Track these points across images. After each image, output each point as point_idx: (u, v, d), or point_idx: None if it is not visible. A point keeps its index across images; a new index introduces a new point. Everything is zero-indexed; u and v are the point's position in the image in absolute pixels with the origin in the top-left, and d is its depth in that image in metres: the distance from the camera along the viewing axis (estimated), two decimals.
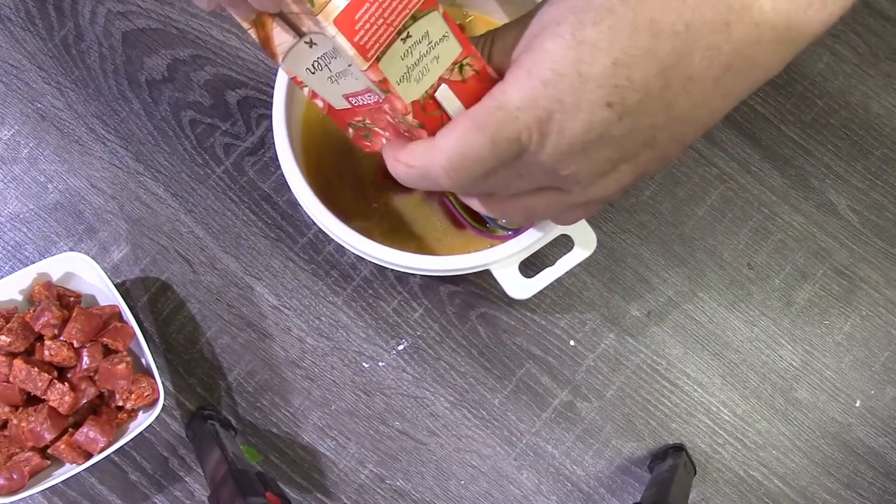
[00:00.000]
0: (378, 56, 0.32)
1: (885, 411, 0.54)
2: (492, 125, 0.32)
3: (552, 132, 0.32)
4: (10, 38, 0.57)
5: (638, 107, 0.31)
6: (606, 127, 0.31)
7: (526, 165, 0.33)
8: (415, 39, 0.33)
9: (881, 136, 0.57)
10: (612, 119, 0.31)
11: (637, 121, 0.32)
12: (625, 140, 0.32)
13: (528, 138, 0.32)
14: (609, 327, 0.55)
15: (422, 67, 0.33)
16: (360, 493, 0.53)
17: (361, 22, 0.31)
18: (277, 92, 0.47)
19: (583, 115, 0.31)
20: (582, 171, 0.33)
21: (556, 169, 0.33)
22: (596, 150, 0.32)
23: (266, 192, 0.56)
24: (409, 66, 0.33)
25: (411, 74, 0.33)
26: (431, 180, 0.34)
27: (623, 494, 0.54)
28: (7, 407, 0.49)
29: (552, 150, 0.32)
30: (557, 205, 0.37)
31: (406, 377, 0.54)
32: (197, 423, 0.51)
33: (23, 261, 0.55)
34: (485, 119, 0.32)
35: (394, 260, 0.45)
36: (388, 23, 0.32)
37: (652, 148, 0.33)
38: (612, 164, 0.34)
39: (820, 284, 0.56)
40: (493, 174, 0.34)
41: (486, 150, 0.32)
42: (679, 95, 0.31)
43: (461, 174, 0.33)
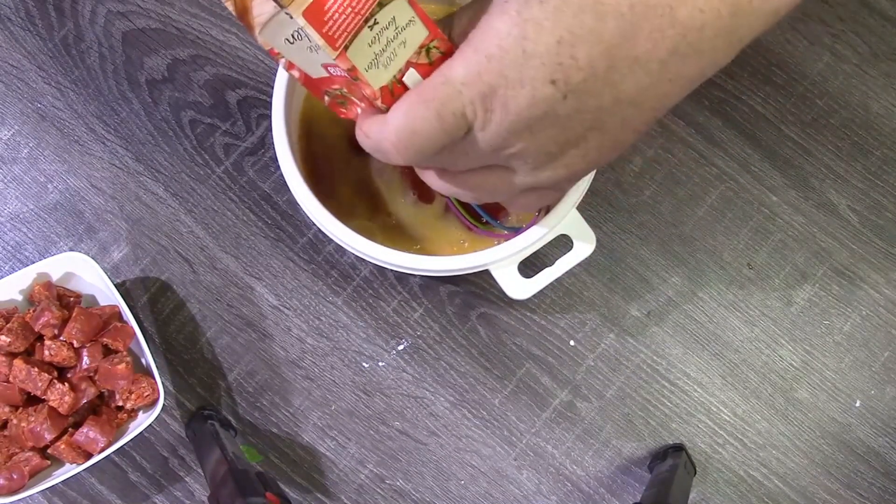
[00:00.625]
0: (346, 45, 0.32)
1: (885, 411, 0.54)
2: (437, 99, 0.32)
3: (496, 108, 0.32)
4: (10, 38, 0.57)
5: (583, 86, 0.31)
6: (551, 104, 0.31)
7: (473, 142, 0.34)
8: (382, 26, 0.33)
9: (881, 136, 0.57)
10: (557, 97, 0.31)
11: (582, 101, 0.32)
12: (571, 121, 0.32)
13: (473, 113, 0.32)
14: (609, 327, 0.55)
15: (389, 53, 0.34)
16: (360, 493, 0.53)
17: (330, 13, 0.31)
18: (277, 92, 0.47)
19: (526, 91, 0.31)
20: (528, 150, 0.34)
21: (503, 146, 0.33)
22: (541, 129, 0.33)
23: (266, 192, 0.56)
24: (376, 52, 0.34)
25: (379, 60, 0.34)
26: (383, 154, 0.35)
27: (623, 494, 0.54)
28: (7, 407, 0.49)
29: (497, 125, 0.32)
30: (506, 185, 0.37)
31: (406, 377, 0.54)
32: (197, 423, 0.51)
33: (23, 261, 0.55)
34: (430, 93, 0.32)
35: (394, 260, 0.45)
36: (356, 11, 0.32)
37: (601, 132, 0.33)
38: (559, 146, 0.34)
39: (820, 284, 0.56)
40: (442, 150, 0.34)
41: (431, 125, 0.33)
42: (625, 77, 0.31)
43: (409, 149, 0.34)
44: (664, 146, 0.57)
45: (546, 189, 0.37)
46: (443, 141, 0.33)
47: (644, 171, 0.57)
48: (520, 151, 0.34)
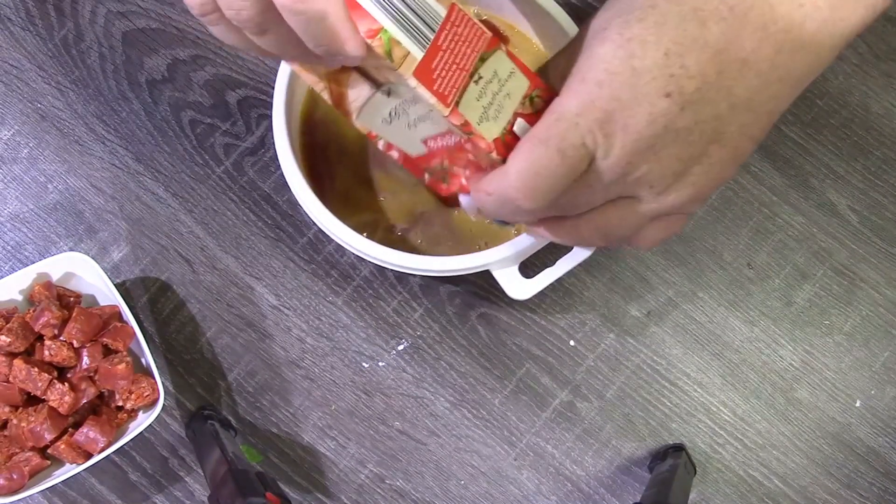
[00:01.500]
0: (457, 101, 0.33)
1: (885, 411, 0.54)
2: (555, 136, 0.32)
3: (616, 132, 0.31)
4: (10, 38, 0.57)
5: (697, 95, 0.31)
6: (669, 119, 0.31)
7: (597, 173, 0.33)
8: (486, 80, 0.34)
9: (881, 136, 0.57)
10: (674, 109, 0.31)
11: (699, 111, 0.31)
12: (691, 134, 0.32)
13: (594, 142, 0.32)
14: (609, 327, 0.55)
15: (497, 105, 0.34)
16: (360, 493, 0.53)
17: (438, 70, 0.32)
18: (277, 92, 0.47)
19: (643, 109, 0.31)
20: (653, 172, 0.33)
21: (626, 172, 0.33)
22: (663, 147, 0.32)
23: (266, 192, 0.56)
24: (484, 105, 0.34)
25: (488, 113, 0.34)
26: (510, 204, 0.34)
27: (623, 494, 0.54)
28: (7, 407, 0.49)
29: (619, 150, 0.32)
30: (633, 217, 0.36)
31: (406, 377, 0.54)
32: (197, 423, 0.51)
33: (23, 261, 0.55)
34: (546, 132, 0.32)
35: (394, 260, 0.45)
36: (461, 67, 0.33)
37: (721, 144, 0.33)
38: (683, 163, 0.33)
39: (820, 284, 0.56)
40: (566, 189, 0.33)
41: (554, 163, 0.32)
42: (736, 80, 0.31)
43: (535, 192, 0.33)
44: None
45: (673, 215, 0.36)
46: (567, 177, 0.33)
47: None
48: (645, 175, 0.33)
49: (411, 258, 0.45)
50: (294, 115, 0.49)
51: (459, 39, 0.33)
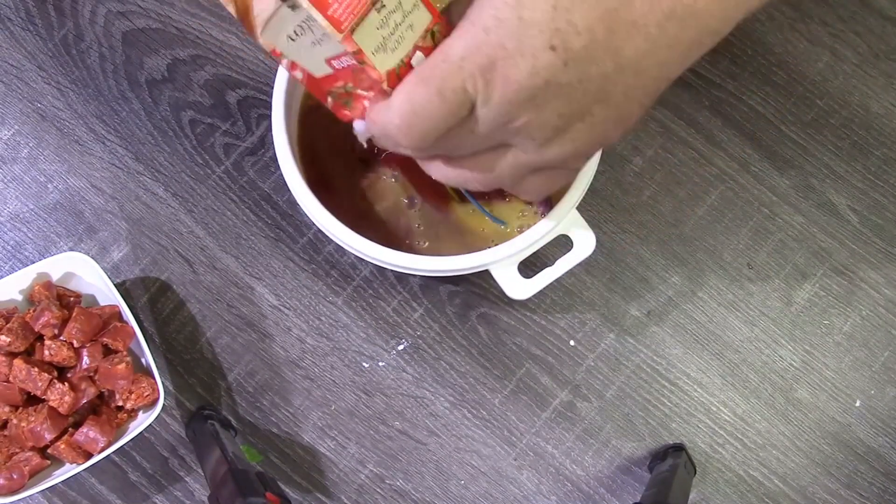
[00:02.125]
0: (353, 27, 0.32)
1: (885, 411, 0.54)
2: (436, 77, 0.32)
3: (497, 80, 0.31)
4: (10, 38, 0.57)
5: (583, 52, 0.31)
6: (552, 72, 0.31)
7: (477, 119, 0.33)
8: (389, 9, 0.33)
9: (881, 136, 0.57)
10: (557, 64, 0.31)
11: (583, 68, 0.31)
12: (573, 90, 0.32)
13: (474, 87, 0.32)
14: (609, 327, 0.55)
15: (398, 36, 0.34)
16: (360, 493, 0.53)
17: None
18: (277, 92, 0.47)
19: (526, 60, 0.31)
20: (533, 123, 0.33)
21: (507, 120, 0.33)
22: (545, 101, 0.32)
23: (266, 192, 0.56)
24: (384, 35, 0.33)
25: (387, 44, 0.34)
26: (391, 139, 0.34)
27: (623, 494, 0.54)
28: (7, 407, 0.49)
29: (499, 98, 0.32)
30: (514, 166, 0.36)
31: (406, 377, 0.54)
32: (197, 423, 0.51)
33: (23, 261, 0.55)
34: (430, 72, 0.32)
35: (393, 260, 0.45)
36: None
37: (605, 104, 0.33)
38: (565, 119, 0.33)
39: (820, 284, 0.56)
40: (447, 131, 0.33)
41: (434, 104, 0.32)
42: (624, 42, 0.31)
43: (414, 130, 0.33)
44: (664, 146, 0.57)
45: (554, 169, 0.36)
46: (447, 120, 0.33)
47: (644, 171, 0.57)
48: (525, 125, 0.33)
49: (411, 258, 0.45)
50: (294, 115, 0.49)
51: None
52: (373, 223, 0.50)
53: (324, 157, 0.51)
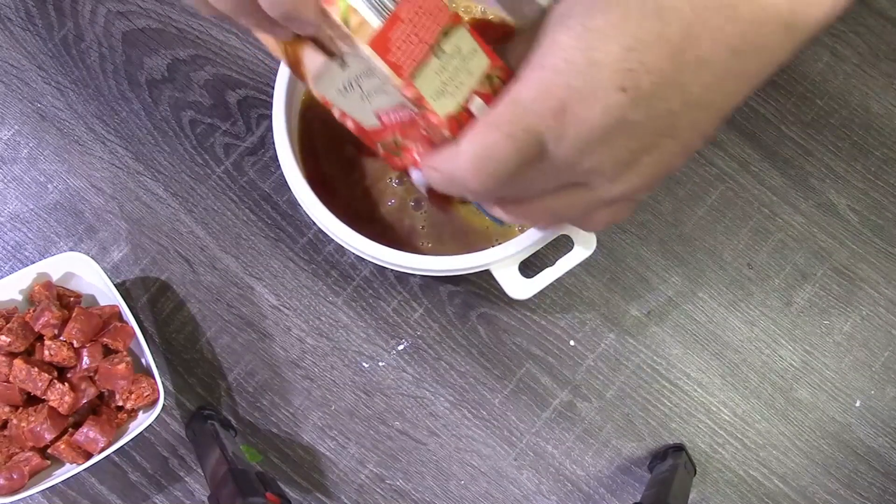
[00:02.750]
0: (413, 74, 0.33)
1: (885, 411, 0.54)
2: (507, 121, 0.32)
3: (569, 121, 0.32)
4: (10, 38, 0.57)
5: (652, 91, 0.31)
6: (623, 112, 0.31)
7: (548, 161, 0.33)
8: (448, 55, 0.33)
9: (881, 136, 0.57)
10: (628, 104, 0.31)
11: (653, 106, 0.32)
12: (643, 127, 0.32)
13: (546, 129, 0.32)
14: (609, 327, 0.55)
15: (457, 82, 0.34)
16: (360, 493, 0.53)
17: (396, 41, 0.32)
18: (277, 92, 0.47)
19: (598, 102, 0.31)
20: (604, 161, 0.33)
21: (578, 161, 0.33)
22: (615, 139, 0.32)
23: (266, 192, 0.56)
24: (443, 80, 0.34)
25: (447, 89, 0.34)
26: (459, 184, 0.34)
27: (623, 494, 0.54)
28: (7, 407, 0.49)
29: (572, 139, 0.32)
30: (582, 203, 0.36)
31: (406, 377, 0.54)
32: (197, 423, 0.51)
33: (23, 261, 0.55)
34: (500, 116, 0.32)
35: (394, 260, 0.45)
36: (422, 40, 0.32)
37: (672, 138, 0.33)
38: (634, 153, 0.33)
39: (820, 284, 0.56)
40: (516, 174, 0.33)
41: (505, 148, 0.32)
42: (692, 78, 0.31)
43: (484, 174, 0.33)
44: None
45: (621, 202, 0.37)
46: (517, 162, 0.33)
47: None
48: (596, 165, 0.33)
49: (412, 258, 0.45)
50: (294, 115, 0.49)
51: (422, 12, 0.32)
52: (375, 223, 0.50)
53: (325, 156, 0.51)
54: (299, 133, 0.50)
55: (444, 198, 0.50)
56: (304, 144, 0.50)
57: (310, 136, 0.51)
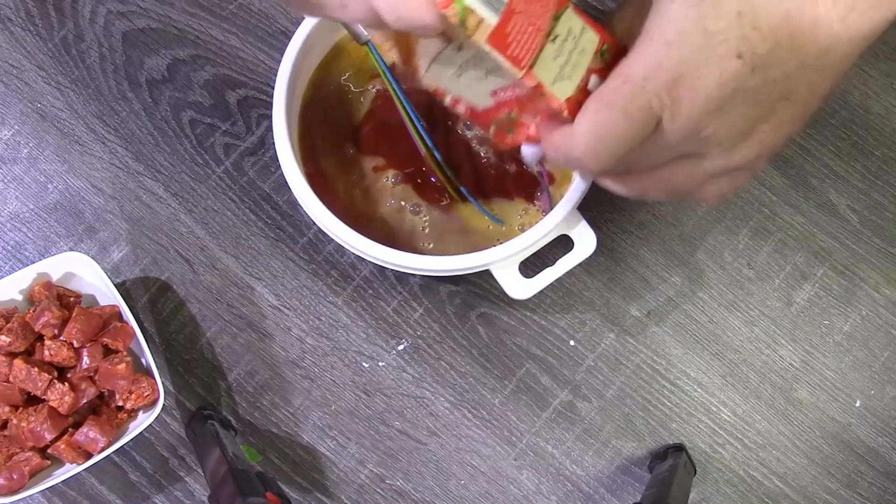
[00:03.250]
0: (532, 63, 0.33)
1: (885, 411, 0.54)
2: (621, 99, 0.32)
3: (683, 94, 0.31)
4: (10, 38, 0.57)
5: (768, 56, 0.31)
6: (739, 80, 0.31)
7: (663, 135, 0.33)
8: (562, 38, 0.34)
9: (881, 136, 0.57)
10: (744, 71, 0.31)
11: (769, 71, 0.31)
12: (760, 94, 0.32)
13: (660, 105, 0.32)
14: (609, 327, 0.55)
15: (572, 63, 0.34)
16: (360, 493, 0.53)
17: (512, 34, 0.32)
18: (277, 92, 0.47)
19: (713, 71, 0.31)
20: (721, 131, 0.33)
21: (695, 132, 0.33)
22: (732, 107, 0.32)
23: (266, 192, 0.56)
24: (560, 64, 0.34)
25: (564, 72, 0.34)
26: (575, 163, 0.35)
27: (623, 494, 0.54)
28: (7, 407, 0.49)
29: (687, 112, 0.32)
30: (699, 174, 0.36)
31: (406, 377, 0.54)
32: (197, 423, 0.51)
33: (23, 261, 0.55)
34: (614, 95, 0.32)
35: (394, 260, 0.45)
36: (536, 28, 0.33)
37: (790, 102, 0.33)
38: (751, 121, 0.33)
39: (820, 284, 0.56)
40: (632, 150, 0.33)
41: (621, 126, 0.32)
42: (808, 40, 0.31)
43: (601, 154, 0.33)
44: None
45: (739, 170, 0.36)
46: (633, 139, 0.33)
47: None
48: (712, 135, 0.33)
49: (412, 258, 0.45)
50: (294, 116, 0.49)
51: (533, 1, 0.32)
52: (375, 223, 0.50)
53: (325, 155, 0.51)
54: (299, 133, 0.50)
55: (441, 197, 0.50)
56: (304, 144, 0.50)
57: (310, 136, 0.51)
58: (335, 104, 0.51)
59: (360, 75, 0.51)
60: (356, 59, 0.51)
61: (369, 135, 0.51)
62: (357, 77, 0.51)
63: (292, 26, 0.56)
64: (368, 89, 0.51)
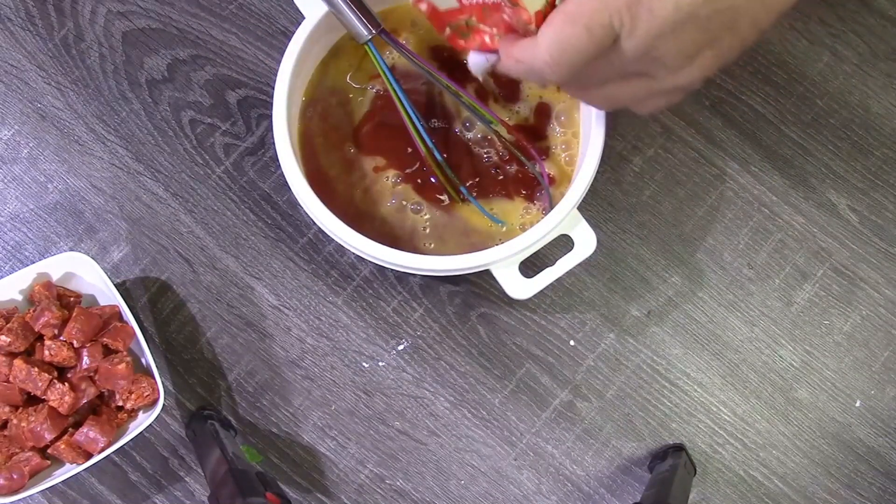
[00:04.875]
0: None
1: (885, 411, 0.54)
2: (584, 14, 0.34)
3: (642, 14, 0.34)
4: (10, 38, 0.57)
5: None
6: (694, 6, 0.34)
7: (618, 51, 0.35)
8: None
9: (881, 136, 0.57)
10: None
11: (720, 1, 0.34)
12: (710, 21, 0.34)
13: (620, 22, 0.34)
14: (609, 327, 0.55)
15: None
16: (360, 493, 0.53)
17: None
18: (277, 92, 0.47)
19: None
20: (670, 53, 0.36)
21: (647, 52, 0.35)
22: (683, 32, 0.35)
23: (266, 192, 0.56)
24: None
25: None
26: (537, 73, 0.37)
27: (623, 494, 0.54)
28: (7, 407, 0.49)
29: (643, 32, 0.34)
30: (642, 91, 0.39)
31: (406, 377, 0.54)
32: (197, 423, 0.51)
33: (23, 261, 0.55)
34: (577, 10, 0.34)
35: (394, 260, 0.45)
36: None
37: (733, 32, 0.36)
38: (698, 47, 0.36)
39: (820, 284, 0.56)
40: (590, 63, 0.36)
41: (582, 40, 0.34)
42: None
43: (562, 65, 0.36)
44: (664, 146, 0.57)
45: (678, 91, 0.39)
46: (593, 53, 0.35)
47: (644, 171, 0.57)
48: (662, 55, 0.36)
49: (411, 258, 0.45)
50: (294, 116, 0.49)
51: None
52: (376, 223, 0.50)
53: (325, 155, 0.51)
54: (299, 133, 0.50)
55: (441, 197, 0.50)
56: (304, 144, 0.50)
57: (310, 136, 0.51)
58: (335, 104, 0.51)
59: (360, 75, 0.51)
60: (356, 59, 0.51)
61: (369, 134, 0.51)
62: (357, 77, 0.51)
63: (292, 26, 0.56)
64: (368, 89, 0.51)
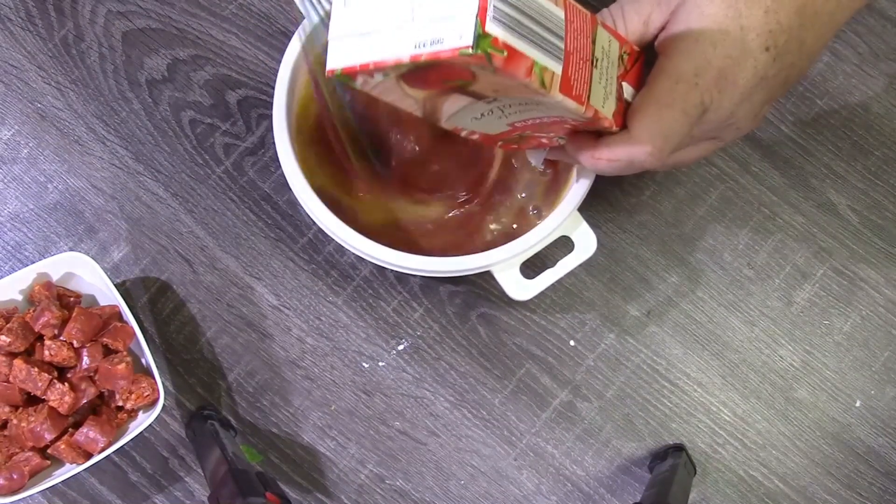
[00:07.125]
0: (589, 96, 0.34)
1: (885, 411, 0.54)
2: (679, 99, 0.35)
3: (727, 86, 0.35)
4: (10, 38, 0.57)
5: (785, 47, 0.35)
6: (765, 70, 0.35)
7: (703, 124, 0.36)
8: (600, 60, 0.35)
9: (881, 136, 0.57)
10: (769, 62, 0.35)
11: (783, 60, 0.36)
12: (775, 80, 0.36)
13: (710, 99, 0.35)
14: (609, 327, 0.55)
15: (609, 77, 0.36)
16: (360, 493, 0.53)
17: (573, 75, 0.33)
18: (278, 92, 0.47)
19: (749, 63, 0.35)
20: (744, 117, 0.37)
21: (728, 119, 0.37)
22: (755, 95, 0.36)
23: (266, 192, 0.56)
24: (604, 86, 0.35)
25: (607, 90, 0.35)
26: (637, 166, 0.38)
27: (623, 494, 0.54)
28: (7, 407, 0.49)
29: (728, 102, 0.36)
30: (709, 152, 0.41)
31: (406, 377, 0.54)
32: (197, 423, 0.51)
33: (23, 261, 0.55)
34: (669, 96, 0.35)
35: (394, 260, 0.45)
36: (584, 59, 0.34)
37: (784, 86, 0.37)
38: (763, 105, 0.37)
39: (820, 284, 0.56)
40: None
41: (679, 123, 0.35)
42: (809, 31, 0.36)
43: (665, 152, 0.36)
44: None
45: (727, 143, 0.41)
46: (689, 134, 0.36)
47: (644, 171, 0.57)
48: (737, 121, 0.37)
49: (411, 258, 0.45)
50: (294, 116, 0.49)
51: (578, 34, 0.33)
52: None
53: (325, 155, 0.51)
54: (299, 133, 0.50)
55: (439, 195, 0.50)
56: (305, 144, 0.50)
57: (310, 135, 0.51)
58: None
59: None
60: None
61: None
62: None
63: (292, 26, 0.56)
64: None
